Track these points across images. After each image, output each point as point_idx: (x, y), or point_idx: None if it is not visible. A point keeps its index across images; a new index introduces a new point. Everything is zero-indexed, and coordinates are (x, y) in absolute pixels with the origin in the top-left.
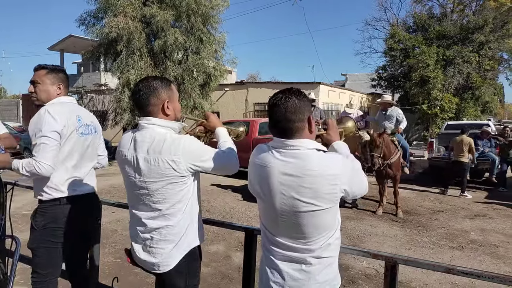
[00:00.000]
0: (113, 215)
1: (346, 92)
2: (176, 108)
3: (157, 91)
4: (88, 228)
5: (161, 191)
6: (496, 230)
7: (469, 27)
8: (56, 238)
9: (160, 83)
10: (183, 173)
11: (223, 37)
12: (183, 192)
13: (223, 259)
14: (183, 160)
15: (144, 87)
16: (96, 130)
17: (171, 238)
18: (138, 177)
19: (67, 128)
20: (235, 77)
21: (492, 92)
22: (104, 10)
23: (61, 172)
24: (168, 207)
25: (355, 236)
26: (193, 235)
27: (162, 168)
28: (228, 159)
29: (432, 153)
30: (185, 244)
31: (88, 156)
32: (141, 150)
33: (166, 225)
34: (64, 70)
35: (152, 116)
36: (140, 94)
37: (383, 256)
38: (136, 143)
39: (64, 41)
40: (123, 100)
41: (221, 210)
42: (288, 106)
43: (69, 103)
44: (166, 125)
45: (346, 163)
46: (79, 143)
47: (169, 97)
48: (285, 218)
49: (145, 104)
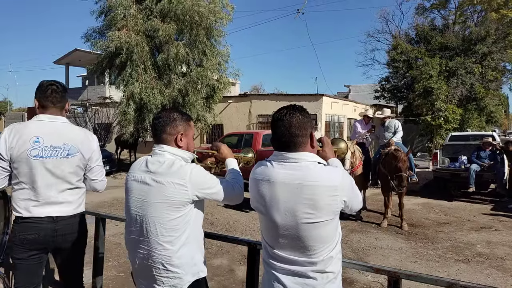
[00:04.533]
0: (117, 228)
1: (350, 104)
2: (189, 143)
3: (175, 122)
4: (65, 246)
5: (159, 214)
6: (502, 243)
7: (472, 38)
8: (17, 254)
9: (180, 117)
10: (186, 198)
11: (226, 51)
12: (180, 219)
13: (227, 273)
14: (189, 186)
15: (164, 116)
16: (69, 153)
17: (169, 269)
18: (141, 198)
19: (15, 150)
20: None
21: (496, 103)
22: (109, 26)
23: (18, 193)
24: (163, 233)
25: (360, 249)
26: (196, 268)
27: (167, 190)
28: (233, 190)
29: (437, 165)
30: (188, 275)
31: (53, 180)
32: (150, 172)
33: (164, 254)
34: (41, 84)
35: (165, 144)
36: (159, 121)
37: (385, 270)
38: (147, 165)
39: (70, 55)
40: (128, 113)
41: (224, 223)
42: (292, 121)
43: (39, 122)
44: (177, 153)
45: (345, 176)
46: (32, 165)
47: (185, 131)
48: (287, 231)
49: (161, 131)
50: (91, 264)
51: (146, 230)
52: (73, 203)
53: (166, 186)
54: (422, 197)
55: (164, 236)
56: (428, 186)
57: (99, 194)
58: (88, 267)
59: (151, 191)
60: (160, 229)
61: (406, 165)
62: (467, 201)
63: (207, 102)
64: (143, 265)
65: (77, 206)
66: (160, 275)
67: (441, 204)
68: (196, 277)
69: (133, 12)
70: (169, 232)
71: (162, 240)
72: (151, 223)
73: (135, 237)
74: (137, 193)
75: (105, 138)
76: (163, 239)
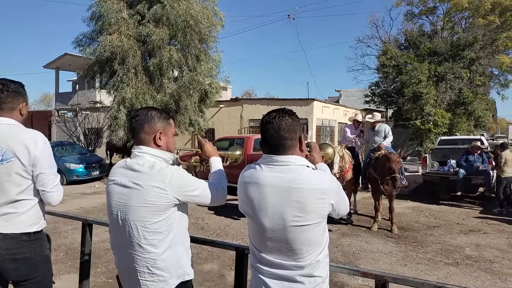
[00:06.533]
0: (106, 234)
1: (340, 108)
2: (169, 142)
3: (153, 120)
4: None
5: (140, 218)
6: (491, 246)
7: (460, 44)
8: None
9: (159, 114)
10: (166, 202)
11: (218, 56)
12: (163, 222)
13: (217, 278)
14: (169, 189)
15: (142, 114)
16: (4, 159)
17: (154, 272)
18: (122, 201)
19: None
20: (230, 94)
21: (484, 107)
22: (100, 31)
23: None
24: (146, 236)
25: (350, 253)
26: (181, 270)
27: (146, 194)
28: (215, 192)
29: (426, 168)
30: (173, 278)
31: None
32: (129, 175)
33: (149, 258)
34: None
35: (143, 144)
36: (136, 120)
37: (373, 274)
38: (126, 169)
39: (60, 59)
40: (119, 118)
41: (215, 227)
42: (282, 124)
43: None
44: (157, 154)
45: (333, 180)
46: None
47: (164, 129)
48: (275, 234)
49: (139, 130)
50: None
51: (129, 234)
52: (16, 219)
53: (146, 190)
54: (412, 200)
55: (147, 239)
56: (418, 190)
57: (89, 199)
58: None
59: (131, 195)
60: (143, 232)
61: (399, 166)
62: (456, 204)
63: (199, 107)
64: (128, 268)
65: (25, 224)
66: (145, 279)
67: (431, 208)
68: (181, 279)
69: (124, 16)
70: (152, 236)
71: (145, 243)
72: (133, 227)
73: (119, 240)
74: (118, 197)
75: (96, 143)
76: (146, 242)
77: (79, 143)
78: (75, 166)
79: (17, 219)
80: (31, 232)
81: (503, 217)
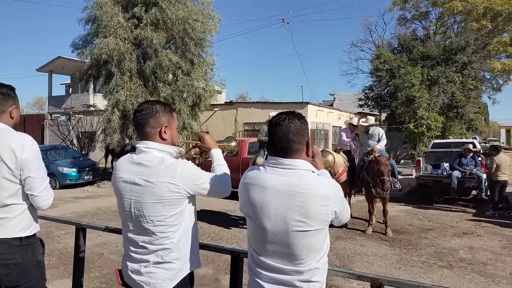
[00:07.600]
0: (100, 238)
1: (334, 112)
2: (173, 135)
3: (158, 114)
4: None
5: (156, 213)
6: (484, 248)
7: (452, 48)
8: None
9: (163, 108)
10: (179, 196)
11: (212, 60)
12: (177, 215)
13: (212, 282)
14: (181, 184)
15: (147, 108)
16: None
17: (167, 261)
18: (135, 198)
19: None
20: (225, 97)
21: (476, 111)
22: (96, 34)
23: None
24: (163, 230)
25: (345, 256)
26: (190, 260)
27: (159, 190)
28: (222, 184)
29: (420, 172)
30: (182, 268)
31: None
32: (139, 172)
33: (163, 248)
34: None
35: (148, 138)
36: (141, 114)
37: (368, 277)
38: (134, 165)
39: (53, 63)
40: (113, 121)
41: (210, 232)
42: (291, 127)
43: None
44: (163, 149)
45: (338, 188)
46: None
47: (169, 122)
48: (276, 237)
49: (144, 124)
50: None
51: (146, 228)
52: (8, 224)
53: (158, 186)
54: (406, 203)
55: (164, 232)
56: (412, 193)
57: (82, 203)
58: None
59: (144, 192)
60: (160, 227)
61: (388, 169)
62: (449, 207)
63: (193, 110)
64: (140, 259)
65: (16, 228)
66: (157, 267)
67: (425, 211)
68: (192, 268)
69: (120, 19)
70: (168, 228)
71: (162, 235)
72: (150, 222)
73: (132, 235)
74: (129, 194)
75: (89, 147)
76: (163, 235)
77: (72, 147)
78: (68, 170)
79: (8, 224)
80: (23, 237)
81: (496, 219)
